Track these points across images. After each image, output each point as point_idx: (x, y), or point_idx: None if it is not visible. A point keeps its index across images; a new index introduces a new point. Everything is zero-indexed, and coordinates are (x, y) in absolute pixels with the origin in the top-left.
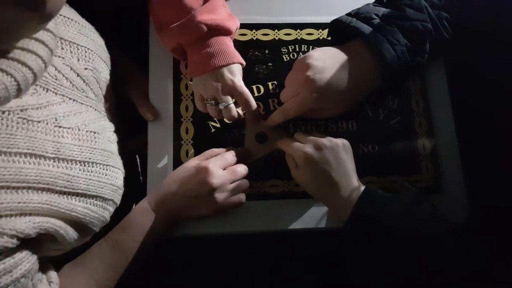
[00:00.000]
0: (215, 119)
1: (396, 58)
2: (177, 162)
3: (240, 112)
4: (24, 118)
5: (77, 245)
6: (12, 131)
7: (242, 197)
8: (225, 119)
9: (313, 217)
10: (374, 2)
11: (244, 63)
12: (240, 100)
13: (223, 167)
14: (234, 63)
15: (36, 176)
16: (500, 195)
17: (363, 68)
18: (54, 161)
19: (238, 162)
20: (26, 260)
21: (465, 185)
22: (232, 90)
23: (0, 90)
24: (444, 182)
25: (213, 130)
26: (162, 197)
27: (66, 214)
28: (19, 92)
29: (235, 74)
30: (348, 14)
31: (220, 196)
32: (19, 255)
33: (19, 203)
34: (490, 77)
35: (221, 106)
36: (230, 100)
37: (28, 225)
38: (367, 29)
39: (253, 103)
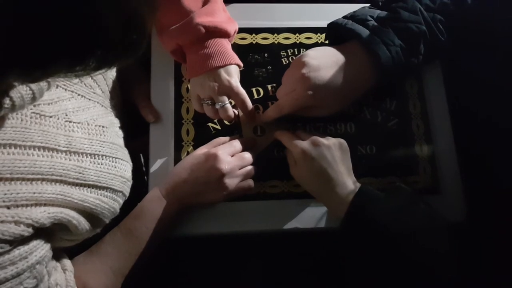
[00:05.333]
0: (215, 121)
1: (390, 58)
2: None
3: (237, 112)
4: (37, 113)
5: (89, 236)
6: (26, 125)
7: (250, 182)
8: (224, 121)
9: (313, 217)
10: (369, 5)
11: (241, 64)
12: (236, 101)
13: (231, 154)
14: (231, 64)
15: (50, 168)
16: (497, 196)
17: (358, 68)
18: (66, 154)
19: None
20: (41, 247)
21: (463, 186)
22: (228, 91)
23: (16, 99)
24: (442, 183)
25: (213, 131)
26: (173, 184)
27: (79, 205)
28: (33, 100)
29: (232, 75)
30: (345, 17)
31: (229, 181)
32: (33, 243)
33: (34, 193)
34: (486, 79)
35: (217, 106)
36: (226, 100)
37: (43, 215)
38: (362, 30)
39: (249, 104)
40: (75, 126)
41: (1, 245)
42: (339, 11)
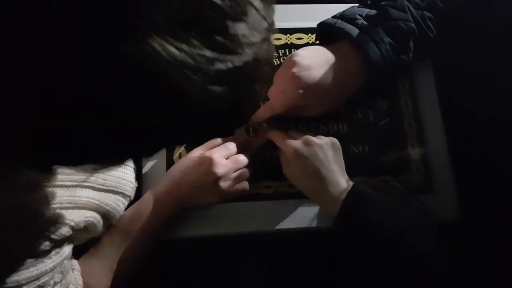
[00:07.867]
0: None
1: (380, 56)
2: (171, 164)
3: None
4: None
5: (95, 236)
6: None
7: (245, 184)
8: None
9: (306, 216)
10: (358, 5)
11: None
12: None
13: (226, 157)
14: None
15: (81, 176)
16: (490, 194)
17: (349, 67)
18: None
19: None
20: (68, 245)
21: (455, 184)
22: None
23: None
24: (434, 182)
25: None
26: (168, 187)
27: (103, 208)
28: None
29: None
30: (334, 16)
31: (224, 184)
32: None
33: (74, 197)
34: (476, 76)
35: None
36: None
37: (81, 218)
38: (352, 29)
39: None
40: None
41: (48, 243)
42: (329, 11)
